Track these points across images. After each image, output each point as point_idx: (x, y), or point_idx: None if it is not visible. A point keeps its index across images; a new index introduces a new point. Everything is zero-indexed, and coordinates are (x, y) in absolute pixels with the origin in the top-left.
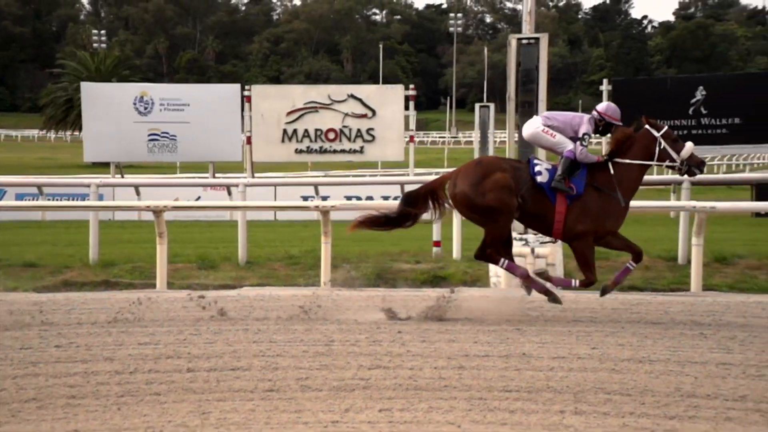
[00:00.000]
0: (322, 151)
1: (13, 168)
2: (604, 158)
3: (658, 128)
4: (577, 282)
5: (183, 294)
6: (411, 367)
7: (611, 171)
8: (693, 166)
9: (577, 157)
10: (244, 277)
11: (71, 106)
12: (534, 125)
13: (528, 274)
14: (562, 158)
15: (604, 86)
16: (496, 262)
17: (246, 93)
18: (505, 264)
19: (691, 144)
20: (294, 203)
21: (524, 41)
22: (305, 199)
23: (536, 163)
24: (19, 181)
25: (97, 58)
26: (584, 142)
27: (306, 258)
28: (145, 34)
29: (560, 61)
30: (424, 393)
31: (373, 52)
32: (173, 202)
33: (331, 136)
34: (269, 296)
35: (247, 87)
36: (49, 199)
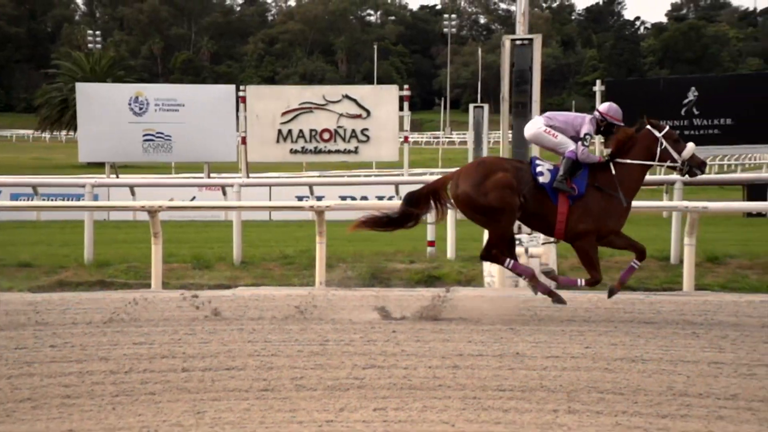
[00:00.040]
0: (317, 152)
1: (8, 168)
2: (606, 158)
3: (660, 128)
4: (583, 281)
5: (178, 294)
6: (405, 367)
7: (613, 171)
8: (694, 166)
9: (578, 157)
10: (239, 277)
11: (66, 107)
12: (536, 125)
13: (534, 274)
14: (564, 158)
15: (598, 87)
16: (501, 262)
17: (241, 93)
18: (511, 264)
19: (692, 145)
20: (289, 203)
21: (518, 42)
22: (300, 199)
23: (538, 163)
24: (14, 181)
25: (92, 58)
26: (586, 143)
27: (301, 258)
28: (140, 34)
29: (554, 61)
30: (419, 392)
31: (368, 52)
32: (168, 203)
33: (325, 136)
34: (264, 296)
35: (241, 87)
36: (44, 199)
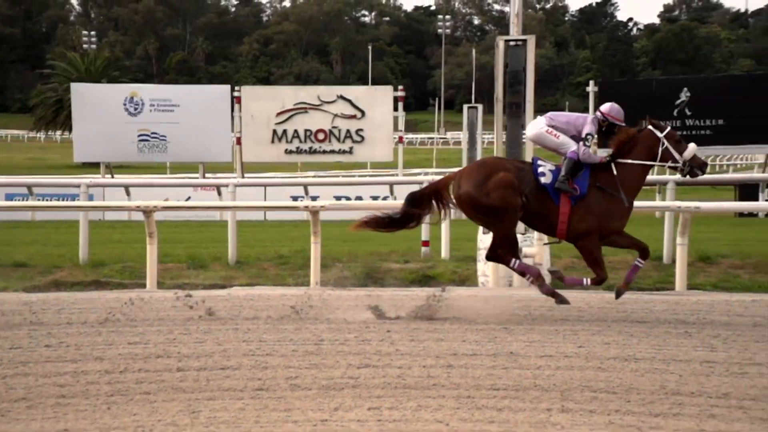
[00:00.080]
0: (312, 152)
1: (3, 168)
2: (607, 159)
3: (662, 129)
4: (589, 281)
5: (173, 294)
6: (400, 366)
7: (614, 171)
8: (695, 167)
9: (580, 157)
10: (234, 277)
11: (61, 107)
12: (538, 125)
13: (540, 274)
14: (566, 159)
15: (591, 88)
16: (507, 263)
17: (236, 94)
18: (516, 264)
19: (693, 145)
20: (284, 203)
21: (512, 43)
22: (295, 199)
23: (540, 164)
24: (9, 181)
25: (87, 59)
26: (587, 143)
27: (295, 258)
28: (135, 35)
29: (547, 62)
30: (413, 391)
31: (362, 53)
32: (163, 203)
33: (320, 136)
34: (259, 296)
35: (236, 88)
36: (39, 200)
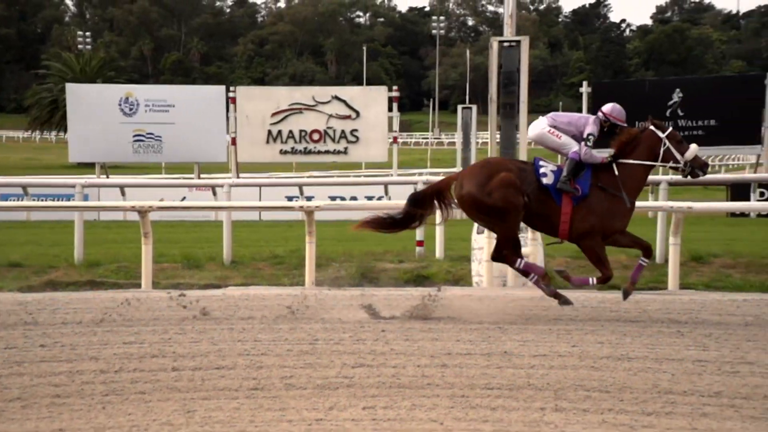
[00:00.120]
0: (307, 152)
1: None
2: (609, 159)
3: (663, 129)
4: (595, 280)
5: (167, 294)
6: (394, 366)
7: (615, 172)
8: (696, 167)
9: (581, 157)
10: (229, 277)
11: (56, 107)
12: (540, 126)
13: (546, 273)
14: (568, 159)
15: (584, 88)
16: (513, 263)
17: (231, 94)
18: (522, 264)
19: (695, 146)
20: (278, 203)
21: (506, 44)
22: (290, 199)
23: (542, 164)
24: (3, 181)
25: (82, 59)
26: (588, 143)
27: (290, 258)
28: (130, 35)
29: (541, 63)
30: (408, 391)
31: (357, 54)
32: (158, 203)
33: (315, 137)
34: (254, 296)
35: (232, 88)
36: (34, 200)
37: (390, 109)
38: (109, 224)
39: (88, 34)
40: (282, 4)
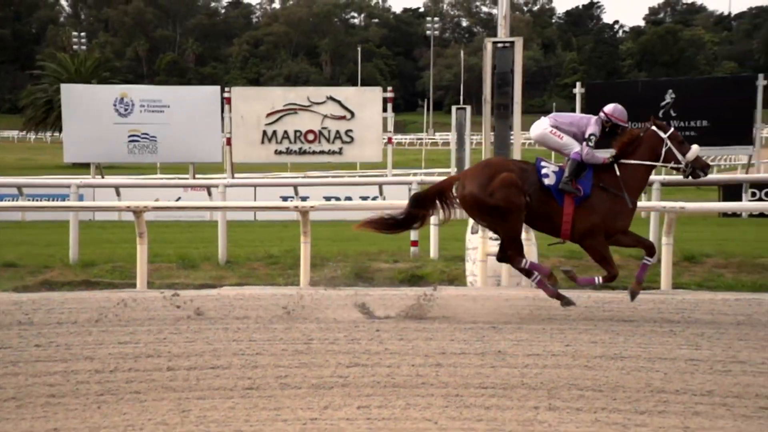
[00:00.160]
0: (302, 153)
1: None
2: (611, 159)
3: (665, 130)
4: (600, 279)
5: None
6: (389, 365)
7: (617, 172)
8: (698, 168)
9: (583, 158)
10: (224, 277)
11: (51, 108)
12: (541, 126)
13: (552, 273)
14: (569, 160)
15: (578, 89)
16: (518, 263)
17: (226, 95)
18: (527, 264)
19: (696, 147)
20: (273, 204)
21: (499, 45)
22: (285, 199)
23: (543, 165)
24: None
25: (77, 59)
26: (590, 143)
27: (285, 258)
28: (125, 36)
29: (535, 64)
30: (402, 390)
31: (352, 54)
32: (153, 203)
33: (310, 137)
34: (249, 296)
35: (227, 89)
36: (29, 200)
37: (384, 110)
38: (104, 224)
39: (83, 34)
40: (277, 5)
